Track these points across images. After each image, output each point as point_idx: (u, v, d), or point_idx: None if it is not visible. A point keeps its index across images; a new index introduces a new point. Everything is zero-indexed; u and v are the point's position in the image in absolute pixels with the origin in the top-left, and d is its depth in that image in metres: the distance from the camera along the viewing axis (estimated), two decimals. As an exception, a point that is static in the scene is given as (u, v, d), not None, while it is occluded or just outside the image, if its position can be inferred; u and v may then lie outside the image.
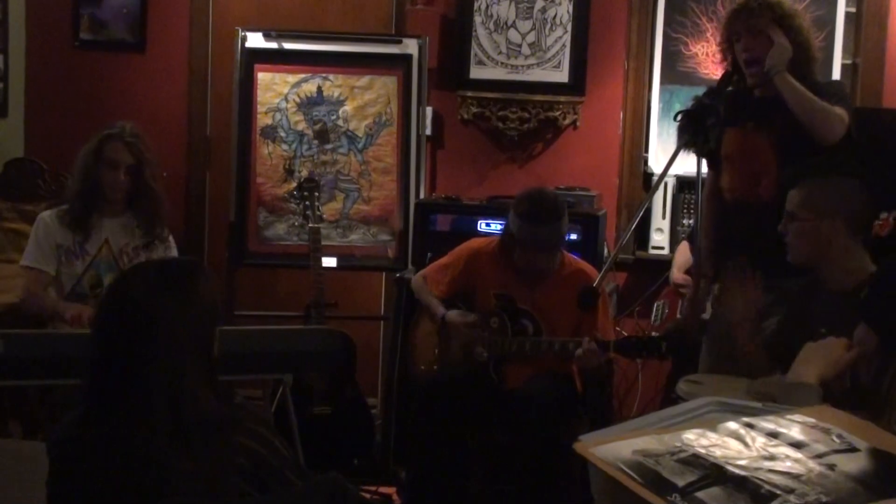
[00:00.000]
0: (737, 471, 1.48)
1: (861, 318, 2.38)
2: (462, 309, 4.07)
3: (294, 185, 4.79)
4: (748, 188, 3.48)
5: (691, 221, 4.71)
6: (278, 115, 4.96)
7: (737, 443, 1.58)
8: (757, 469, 1.49)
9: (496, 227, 4.50)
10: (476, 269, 4.08)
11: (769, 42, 3.39)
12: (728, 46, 3.55)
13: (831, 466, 1.51)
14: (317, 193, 4.59)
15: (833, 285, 3.05)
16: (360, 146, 4.97)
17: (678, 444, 1.56)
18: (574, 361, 3.77)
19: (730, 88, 3.51)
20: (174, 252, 4.11)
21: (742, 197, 3.50)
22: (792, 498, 1.43)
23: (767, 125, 3.43)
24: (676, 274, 4.63)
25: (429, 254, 4.41)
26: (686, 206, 4.85)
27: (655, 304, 4.77)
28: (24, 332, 3.54)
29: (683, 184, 4.83)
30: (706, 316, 3.77)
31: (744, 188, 3.49)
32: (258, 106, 4.96)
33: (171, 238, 4.11)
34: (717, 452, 1.54)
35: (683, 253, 4.66)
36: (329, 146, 4.97)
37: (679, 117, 3.26)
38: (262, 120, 4.96)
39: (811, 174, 3.05)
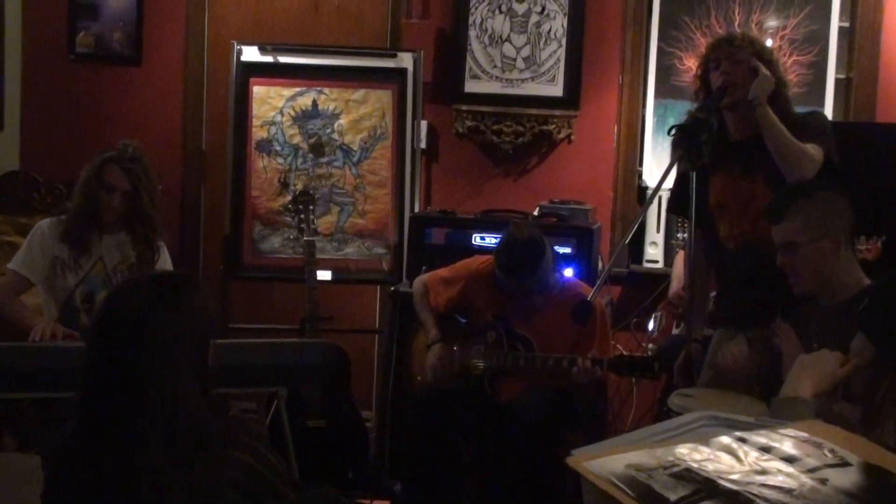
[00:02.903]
0: (729, 485, 1.48)
1: (859, 328, 2.38)
2: (461, 324, 4.10)
3: (289, 198, 4.79)
4: (749, 231, 3.48)
5: (685, 235, 4.71)
6: (273, 129, 4.97)
7: (729, 457, 1.58)
8: (749, 483, 1.49)
9: (490, 240, 4.51)
10: (473, 293, 4.10)
11: (749, 71, 3.40)
12: (702, 77, 3.55)
13: (823, 481, 1.51)
14: (312, 207, 4.60)
15: (828, 300, 3.05)
16: (354, 160, 4.98)
17: (671, 459, 1.56)
18: (570, 379, 3.78)
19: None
20: (167, 260, 4.08)
21: (746, 241, 3.49)
22: (784, 512, 1.43)
23: (755, 167, 3.43)
24: (675, 286, 4.61)
25: (423, 267, 4.42)
26: (680, 220, 4.86)
27: (654, 315, 4.76)
28: (17, 344, 3.53)
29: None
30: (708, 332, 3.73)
31: (744, 232, 3.49)
32: (253, 119, 4.97)
33: (163, 245, 4.05)
34: (710, 467, 1.54)
35: (681, 265, 4.65)
36: (324, 160, 4.98)
37: (673, 132, 3.27)
38: (258, 133, 4.97)
39: (794, 198, 3.06)
